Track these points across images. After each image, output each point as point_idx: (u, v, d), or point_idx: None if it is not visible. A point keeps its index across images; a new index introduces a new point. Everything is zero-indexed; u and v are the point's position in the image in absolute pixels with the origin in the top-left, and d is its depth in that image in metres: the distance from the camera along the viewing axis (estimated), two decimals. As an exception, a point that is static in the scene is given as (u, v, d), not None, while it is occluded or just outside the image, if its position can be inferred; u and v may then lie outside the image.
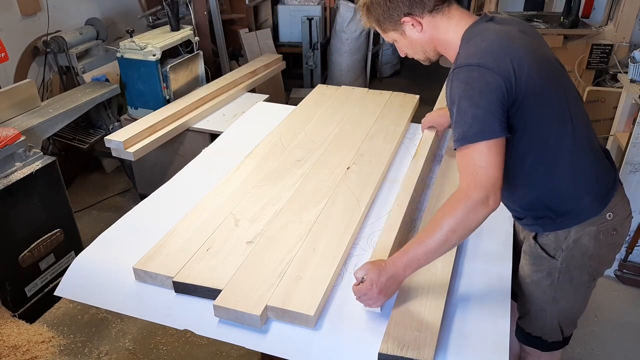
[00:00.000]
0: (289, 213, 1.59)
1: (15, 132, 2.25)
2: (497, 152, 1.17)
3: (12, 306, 2.31)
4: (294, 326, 1.25)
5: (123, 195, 3.45)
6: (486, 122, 1.16)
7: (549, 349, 1.54)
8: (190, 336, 2.32)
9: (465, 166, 1.20)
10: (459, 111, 1.19)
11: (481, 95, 1.17)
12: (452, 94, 1.22)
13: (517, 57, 1.20)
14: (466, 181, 1.18)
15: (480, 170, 1.16)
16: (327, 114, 2.30)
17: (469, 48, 1.24)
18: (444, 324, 1.25)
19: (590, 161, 1.34)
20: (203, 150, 2.11)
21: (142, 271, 1.38)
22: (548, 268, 1.41)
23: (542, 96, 1.23)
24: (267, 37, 4.63)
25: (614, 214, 1.35)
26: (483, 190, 1.15)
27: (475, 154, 1.17)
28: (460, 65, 1.21)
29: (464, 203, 1.16)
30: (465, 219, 1.17)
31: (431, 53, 1.37)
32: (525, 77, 1.19)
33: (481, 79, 1.17)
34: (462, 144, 1.18)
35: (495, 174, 1.16)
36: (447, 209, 1.19)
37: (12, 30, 3.14)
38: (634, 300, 2.56)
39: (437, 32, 1.32)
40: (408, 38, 1.35)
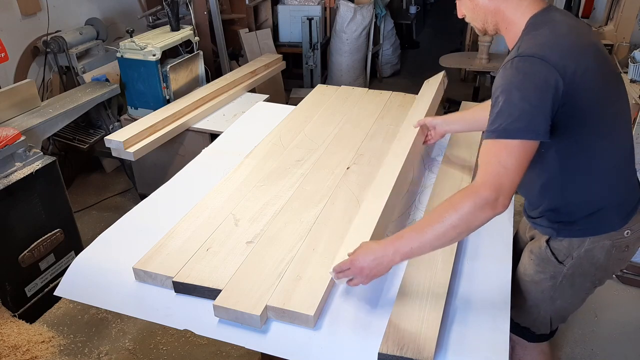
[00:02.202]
0: (288, 213, 1.59)
1: (15, 132, 2.25)
2: (527, 156, 1.12)
3: (12, 306, 2.31)
4: (294, 326, 1.25)
5: (123, 195, 3.45)
6: (532, 121, 1.10)
7: (535, 341, 1.55)
8: (190, 336, 2.32)
9: (490, 162, 1.14)
10: (507, 101, 1.12)
11: (536, 91, 1.11)
12: (504, 81, 1.15)
13: (584, 59, 1.15)
14: (484, 177, 1.13)
15: (504, 171, 1.11)
16: (327, 114, 2.30)
17: (537, 37, 1.17)
18: (444, 324, 1.25)
19: (624, 177, 1.32)
20: (203, 150, 2.11)
21: (142, 271, 1.38)
22: (553, 272, 1.40)
23: (596, 106, 1.18)
24: (267, 37, 4.63)
25: (631, 231, 1.33)
26: (497, 191, 1.10)
27: (506, 151, 1.11)
28: (523, 54, 1.14)
29: (473, 200, 1.11)
30: (471, 217, 1.12)
31: (490, 26, 1.30)
32: (586, 83, 1.14)
33: (541, 74, 1.11)
34: (499, 137, 1.12)
35: (516, 179, 1.12)
36: (452, 203, 1.14)
37: (12, 30, 3.14)
38: (634, 300, 2.56)
39: (505, 5, 1.25)
40: (473, 2, 1.29)
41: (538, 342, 1.56)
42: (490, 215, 1.12)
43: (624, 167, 1.31)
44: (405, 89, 2.65)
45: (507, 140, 1.11)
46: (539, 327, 1.52)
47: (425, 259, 1.40)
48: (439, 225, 1.14)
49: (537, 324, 1.51)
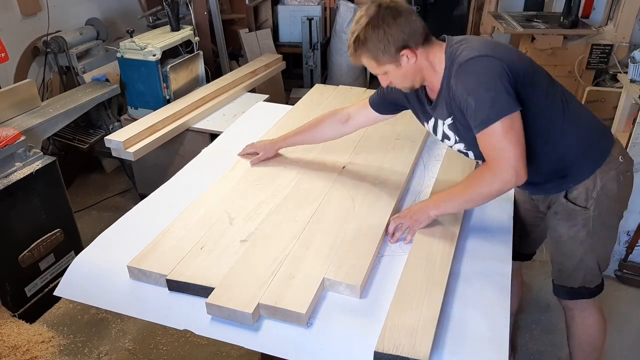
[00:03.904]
0: (283, 212, 1.60)
1: (15, 132, 2.26)
2: (517, 127, 1.33)
3: (12, 306, 2.31)
4: (287, 324, 1.25)
5: (123, 195, 3.45)
6: (502, 101, 1.31)
7: (594, 295, 1.68)
8: (190, 336, 2.32)
9: (491, 149, 1.36)
10: (477, 99, 1.33)
11: (493, 80, 1.32)
12: (466, 85, 1.35)
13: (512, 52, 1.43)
14: (491, 162, 1.37)
15: (502, 152, 1.33)
16: (324, 114, 2.30)
17: (464, 49, 1.39)
18: (441, 323, 1.25)
19: (589, 115, 1.55)
20: (203, 150, 2.11)
21: (137, 269, 1.38)
22: (583, 219, 1.56)
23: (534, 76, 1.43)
24: (267, 37, 4.63)
25: (623, 157, 1.54)
26: (507, 169, 1.33)
27: (497, 134, 1.32)
28: (464, 60, 1.36)
29: (490, 179, 1.37)
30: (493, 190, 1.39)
31: (418, 81, 1.48)
32: (518, 63, 1.39)
33: (488, 66, 1.33)
34: (485, 126, 1.33)
35: (517, 151, 1.33)
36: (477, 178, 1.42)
37: (12, 30, 3.15)
38: (634, 300, 2.56)
39: (426, 62, 1.44)
40: (402, 69, 1.44)
41: (595, 295, 1.69)
42: (514, 186, 1.41)
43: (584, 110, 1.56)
44: (404, 88, 2.64)
45: (494, 124, 1.32)
46: (592, 280, 1.65)
47: (424, 257, 1.41)
48: (468, 194, 1.44)
49: (588, 277, 1.64)
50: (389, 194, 1.69)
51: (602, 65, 3.41)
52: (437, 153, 2.02)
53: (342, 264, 1.37)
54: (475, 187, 1.42)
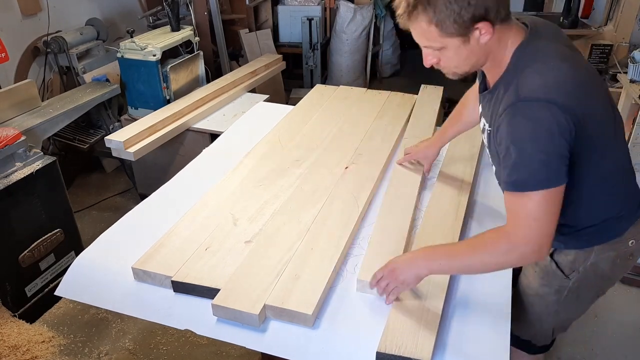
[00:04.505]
0: (287, 212, 1.60)
1: (15, 132, 2.25)
2: (556, 202, 1.09)
3: (12, 306, 2.31)
4: (292, 325, 1.25)
5: (123, 195, 3.45)
6: (551, 170, 1.06)
7: (536, 352, 1.53)
8: (191, 336, 2.32)
9: (517, 214, 1.11)
10: (521, 154, 1.07)
11: (551, 139, 1.05)
12: (515, 131, 1.08)
13: (586, 92, 1.11)
14: (514, 229, 1.11)
15: (535, 223, 1.08)
16: (325, 114, 2.31)
17: (534, 77, 1.10)
18: (443, 324, 1.25)
19: (623, 185, 1.29)
20: (203, 151, 2.11)
21: (141, 271, 1.38)
22: (558, 285, 1.38)
23: (600, 132, 1.15)
24: (267, 38, 4.63)
25: (635, 241, 1.31)
26: (532, 244, 1.09)
27: (531, 204, 1.08)
28: (527, 98, 1.08)
29: (506, 249, 1.11)
30: (503, 262, 1.16)
31: (476, 68, 1.22)
32: (591, 116, 1.11)
33: (552, 120, 1.05)
34: (519, 190, 1.08)
35: (551, 228, 1.09)
36: (488, 244, 1.15)
37: (13, 30, 3.14)
38: (634, 300, 2.56)
39: (497, 45, 1.16)
40: (468, 48, 1.14)
41: (539, 353, 1.54)
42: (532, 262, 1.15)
43: (624, 177, 1.29)
44: (405, 89, 2.65)
45: (531, 193, 1.07)
46: (540, 340, 1.50)
47: (424, 258, 1.41)
48: (471, 259, 1.18)
49: (538, 336, 1.50)
50: (407, 195, 1.69)
51: (601, 66, 3.41)
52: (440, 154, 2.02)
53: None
54: (483, 252, 1.16)
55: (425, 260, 1.22)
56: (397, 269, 1.24)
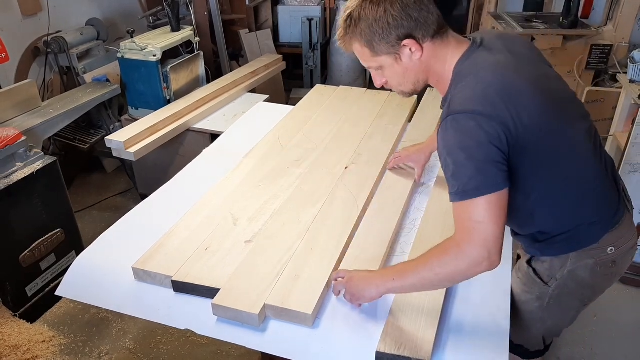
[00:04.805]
0: (287, 212, 1.60)
1: (16, 132, 2.26)
2: (499, 206, 1.08)
3: (12, 306, 2.31)
4: (292, 325, 1.25)
5: (124, 195, 3.45)
6: (486, 176, 1.07)
7: (530, 357, 1.52)
8: (191, 336, 2.33)
9: (462, 220, 1.11)
10: (456, 164, 1.10)
11: (480, 147, 1.08)
12: (447, 143, 1.12)
13: (519, 101, 1.11)
14: (461, 234, 1.11)
15: (479, 226, 1.08)
16: (325, 114, 2.31)
17: (464, 90, 1.13)
18: (443, 323, 1.25)
19: (593, 192, 1.26)
20: (203, 151, 2.12)
21: (142, 271, 1.38)
22: (539, 292, 1.37)
23: (545, 135, 1.15)
24: (267, 38, 4.63)
25: (615, 247, 1.28)
26: (479, 247, 1.07)
27: (473, 209, 1.08)
28: (455, 112, 1.11)
29: (462, 259, 1.10)
30: (460, 275, 1.12)
31: (420, 85, 1.24)
32: (526, 120, 1.10)
33: (479, 129, 1.07)
34: (462, 199, 1.09)
35: (496, 230, 1.08)
36: (440, 256, 1.13)
37: (13, 30, 3.15)
38: (634, 300, 2.56)
39: (434, 60, 1.20)
40: (402, 65, 1.19)
41: (534, 357, 1.53)
42: (483, 271, 1.10)
43: (595, 183, 1.26)
44: (404, 89, 2.65)
45: (472, 200, 1.08)
46: (533, 344, 1.49)
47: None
48: (425, 275, 1.15)
49: (530, 341, 1.49)
50: (397, 196, 1.69)
51: (601, 66, 3.42)
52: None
53: (348, 267, 1.37)
54: (434, 264, 1.13)
55: (380, 278, 1.21)
56: (353, 280, 1.25)
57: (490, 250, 1.07)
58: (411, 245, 1.50)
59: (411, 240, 1.52)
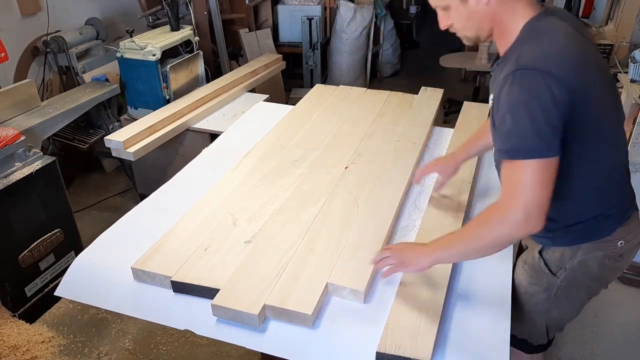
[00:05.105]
0: (287, 212, 1.59)
1: (15, 132, 2.25)
2: (548, 173, 1.08)
3: (12, 306, 2.31)
4: (292, 325, 1.25)
5: (123, 195, 3.45)
6: (543, 139, 1.07)
7: (533, 352, 1.53)
8: (190, 336, 2.32)
9: (511, 182, 1.11)
10: (514, 120, 1.08)
11: (543, 109, 1.06)
12: (510, 98, 1.10)
13: (587, 72, 1.12)
14: (506, 198, 1.11)
15: (527, 189, 1.08)
16: (325, 114, 2.31)
17: (537, 49, 1.12)
18: (443, 324, 1.25)
19: (616, 183, 1.29)
20: (203, 150, 2.11)
21: (141, 271, 1.38)
22: (547, 283, 1.38)
23: (597, 119, 1.16)
24: (267, 37, 4.63)
25: (625, 242, 1.31)
26: (524, 210, 1.07)
27: (522, 171, 1.08)
28: (525, 67, 1.09)
29: (498, 219, 1.11)
30: (503, 238, 1.13)
31: (484, 33, 1.22)
32: (589, 98, 1.11)
33: (547, 90, 1.06)
34: (513, 158, 1.09)
35: (543, 194, 1.08)
36: (484, 222, 1.16)
37: (12, 30, 3.14)
38: (634, 300, 2.56)
39: (502, 10, 1.17)
40: (468, 8, 1.18)
41: (536, 352, 1.54)
42: (523, 234, 1.12)
43: (619, 175, 1.30)
44: (405, 89, 2.65)
45: (523, 160, 1.08)
46: (537, 338, 1.50)
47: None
48: (471, 241, 1.18)
49: (534, 335, 1.49)
50: (392, 194, 1.69)
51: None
52: (438, 153, 2.02)
53: (346, 267, 1.36)
54: (478, 230, 1.16)
55: (430, 249, 1.24)
56: (404, 250, 1.29)
57: (531, 216, 1.08)
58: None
59: (411, 240, 1.52)
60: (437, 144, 2.09)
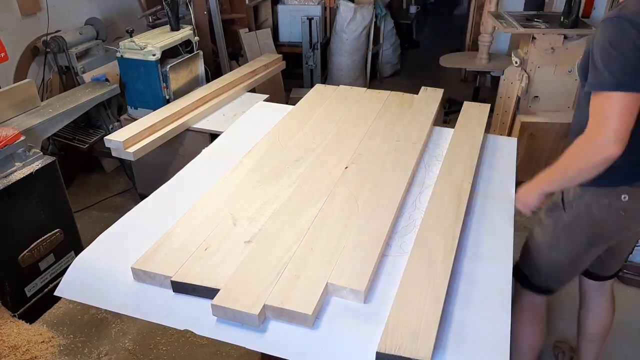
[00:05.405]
0: (287, 212, 1.59)
1: (15, 132, 2.25)
2: (631, 107, 1.26)
3: (11, 306, 2.31)
4: (292, 325, 1.25)
5: (123, 195, 3.45)
6: (630, 75, 1.24)
7: (527, 286, 1.76)
8: (190, 336, 2.32)
9: (595, 113, 1.31)
10: (605, 57, 1.27)
11: (634, 50, 1.24)
12: (604, 37, 1.28)
13: None
14: (592, 127, 1.31)
15: (608, 122, 1.27)
16: (325, 114, 2.30)
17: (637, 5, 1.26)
18: (443, 324, 1.25)
19: None
20: (203, 150, 2.11)
21: (141, 271, 1.38)
22: (557, 217, 1.61)
23: None
24: (267, 37, 4.63)
25: (629, 198, 1.47)
26: (608, 135, 1.26)
27: (608, 103, 1.27)
28: (625, 17, 1.25)
29: (585, 147, 1.32)
30: (586, 159, 1.33)
31: None
32: None
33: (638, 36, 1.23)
34: (601, 89, 1.28)
35: (622, 128, 1.26)
36: (574, 145, 1.36)
37: (12, 30, 3.14)
38: (634, 300, 2.56)
39: None
40: None
41: (528, 287, 1.76)
42: (608, 157, 1.29)
43: None
44: (405, 89, 2.65)
45: (612, 93, 1.26)
46: (535, 278, 1.72)
47: (425, 258, 1.41)
48: (565, 169, 1.42)
49: (534, 272, 1.72)
50: (392, 194, 1.69)
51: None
52: (437, 153, 2.02)
53: (345, 267, 1.36)
54: (570, 157, 1.39)
55: (536, 185, 1.53)
56: (519, 195, 1.61)
57: (615, 140, 1.26)
58: (411, 245, 1.49)
59: (411, 240, 1.51)
60: (437, 144, 2.09)
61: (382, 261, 1.45)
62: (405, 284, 1.33)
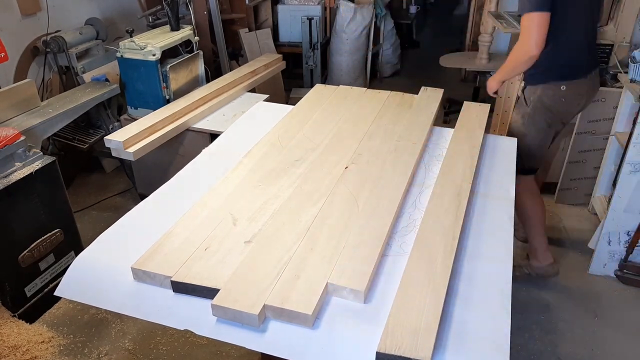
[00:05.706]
0: (287, 212, 1.59)
1: (15, 132, 2.25)
2: (542, 23, 1.99)
3: (11, 306, 2.31)
4: (292, 325, 1.25)
5: (123, 195, 3.45)
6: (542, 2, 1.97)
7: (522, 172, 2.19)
8: (190, 336, 2.32)
9: (524, 27, 2.03)
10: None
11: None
12: None
13: None
14: (523, 35, 2.04)
15: (530, 32, 2.01)
16: (325, 114, 2.30)
17: None
18: (443, 324, 1.25)
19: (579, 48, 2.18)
20: (203, 150, 2.11)
21: (141, 271, 1.38)
22: (523, 112, 2.33)
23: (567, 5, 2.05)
24: (267, 37, 4.63)
25: (566, 87, 2.19)
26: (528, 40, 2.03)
27: (529, 20, 1.99)
28: None
29: (519, 47, 2.08)
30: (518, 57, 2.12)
31: None
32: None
33: None
34: (525, 12, 2.00)
35: (539, 37, 2.00)
36: (512, 52, 2.14)
37: (12, 30, 3.14)
38: (634, 300, 2.56)
39: None
40: None
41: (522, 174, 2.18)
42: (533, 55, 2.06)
43: (581, 40, 2.17)
44: (405, 89, 2.65)
45: (529, 13, 1.99)
46: (523, 162, 2.22)
47: (425, 258, 1.41)
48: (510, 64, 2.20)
49: (523, 159, 2.19)
50: (392, 194, 1.69)
51: (602, 65, 3.41)
52: (437, 153, 2.02)
53: (345, 267, 1.36)
54: (510, 57, 2.15)
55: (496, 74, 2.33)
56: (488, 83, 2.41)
57: (532, 47, 2.03)
58: (411, 245, 1.49)
59: (411, 240, 1.52)
60: (437, 144, 2.09)
61: (382, 261, 1.45)
62: (405, 284, 1.33)
